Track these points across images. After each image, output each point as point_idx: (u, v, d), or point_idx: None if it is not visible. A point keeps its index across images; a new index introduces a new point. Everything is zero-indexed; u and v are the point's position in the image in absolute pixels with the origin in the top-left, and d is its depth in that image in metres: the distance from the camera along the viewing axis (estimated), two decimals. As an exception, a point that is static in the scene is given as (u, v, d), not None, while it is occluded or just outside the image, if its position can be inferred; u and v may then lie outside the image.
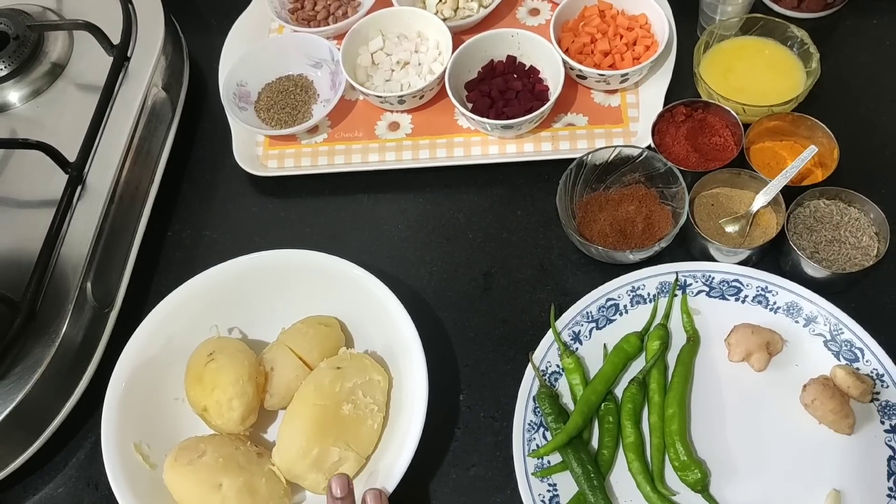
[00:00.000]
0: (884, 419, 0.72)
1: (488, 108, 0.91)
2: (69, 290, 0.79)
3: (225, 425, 0.74)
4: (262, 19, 1.04)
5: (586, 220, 0.84)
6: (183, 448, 0.73)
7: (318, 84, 0.99)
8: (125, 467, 0.73)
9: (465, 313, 0.83)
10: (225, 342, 0.78)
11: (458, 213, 0.90)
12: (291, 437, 0.72)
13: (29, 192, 0.86)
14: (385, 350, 0.79)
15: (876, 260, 0.77)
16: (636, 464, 0.72)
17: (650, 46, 0.93)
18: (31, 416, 0.77)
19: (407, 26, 0.98)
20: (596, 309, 0.80)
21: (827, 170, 0.83)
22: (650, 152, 0.84)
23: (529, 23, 1.01)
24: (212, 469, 0.71)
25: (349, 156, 0.94)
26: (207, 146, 0.99)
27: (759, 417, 0.74)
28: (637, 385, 0.75)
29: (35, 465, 0.80)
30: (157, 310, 0.80)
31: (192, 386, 0.76)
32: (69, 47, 0.96)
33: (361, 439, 0.74)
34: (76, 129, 0.87)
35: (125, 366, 0.78)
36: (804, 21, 0.96)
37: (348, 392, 0.74)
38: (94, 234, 0.82)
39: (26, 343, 0.77)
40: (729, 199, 0.84)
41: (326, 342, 0.79)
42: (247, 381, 0.74)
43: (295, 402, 0.75)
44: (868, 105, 0.91)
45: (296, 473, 0.73)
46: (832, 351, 0.75)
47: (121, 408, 0.76)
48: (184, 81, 0.99)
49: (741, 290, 0.79)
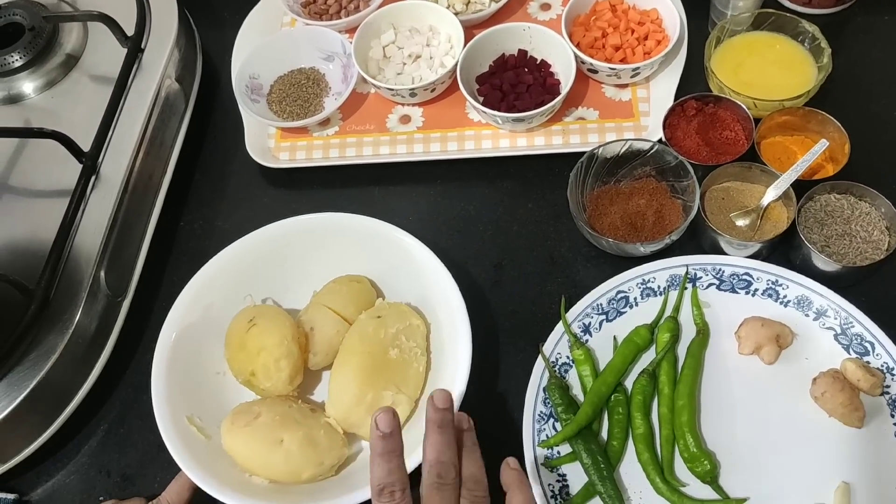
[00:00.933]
0: (894, 412, 0.72)
1: (499, 102, 0.91)
2: (83, 279, 0.80)
3: (274, 387, 0.75)
4: (275, 13, 1.05)
5: (597, 213, 0.85)
6: (238, 412, 0.74)
7: (330, 77, 0.99)
8: (183, 439, 0.74)
9: (476, 305, 0.83)
10: (263, 308, 0.80)
11: (469, 205, 0.91)
12: (344, 387, 0.74)
13: (44, 182, 0.87)
14: (418, 299, 0.81)
15: (887, 254, 0.77)
16: (646, 455, 0.73)
17: (661, 41, 0.93)
18: (45, 403, 0.78)
19: (419, 20, 0.99)
20: (606, 301, 0.80)
21: (838, 164, 0.83)
22: (661, 146, 0.84)
23: (541, 17, 1.01)
24: (270, 427, 0.71)
25: (360, 148, 0.94)
26: (220, 138, 0.99)
27: (768, 410, 0.74)
28: (647, 377, 0.75)
29: (48, 451, 0.80)
30: (194, 279, 0.81)
31: (236, 354, 0.77)
32: (84, 38, 0.97)
33: (410, 382, 0.76)
34: (90, 120, 0.87)
35: (166, 339, 0.78)
36: (816, 17, 0.96)
37: (392, 338, 0.76)
38: (107, 223, 0.83)
39: (40, 330, 0.77)
40: (740, 192, 0.84)
41: (361, 297, 0.80)
42: (291, 341, 0.75)
43: (342, 354, 0.76)
44: (879, 101, 0.91)
45: (352, 422, 0.74)
46: (842, 344, 0.76)
47: (168, 382, 0.76)
48: (197, 73, 1.00)
49: (751, 283, 0.79)
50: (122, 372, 0.85)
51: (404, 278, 0.82)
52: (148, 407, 0.75)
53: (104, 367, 0.82)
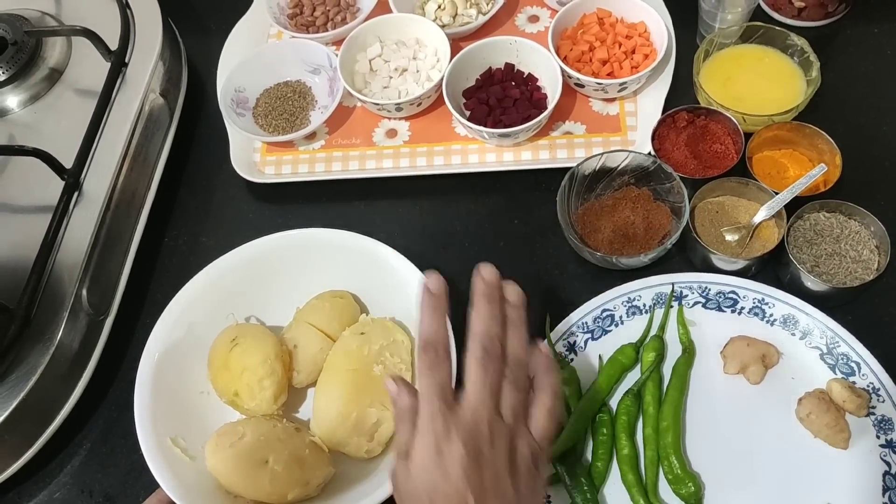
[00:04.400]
0: (879, 434, 0.72)
1: (486, 116, 0.90)
2: (65, 297, 0.79)
3: (258, 407, 0.75)
4: (261, 25, 1.04)
5: (587, 231, 0.84)
6: (221, 434, 0.73)
7: (317, 90, 0.99)
8: (166, 461, 0.73)
9: (462, 323, 0.82)
10: (245, 327, 0.79)
11: (455, 221, 0.90)
12: (328, 405, 0.73)
13: (25, 198, 0.86)
14: (403, 314, 0.80)
15: (877, 274, 0.77)
16: (630, 476, 0.72)
17: (649, 55, 0.92)
18: (27, 423, 0.77)
19: (405, 33, 0.98)
20: (591, 319, 0.79)
21: (829, 178, 0.82)
22: (634, 153, 0.83)
23: (529, 30, 1.01)
24: (255, 448, 0.71)
25: (346, 163, 0.94)
26: (205, 152, 0.98)
27: (753, 431, 0.74)
28: (632, 397, 0.75)
29: (30, 471, 0.80)
30: (176, 298, 0.80)
31: (219, 374, 0.76)
32: (67, 52, 0.96)
33: None
34: (74, 135, 0.87)
35: (149, 358, 0.78)
36: (805, 30, 0.95)
37: (376, 354, 0.75)
38: (90, 240, 0.82)
39: (22, 350, 0.77)
40: (734, 207, 0.84)
41: (344, 313, 0.80)
42: (275, 360, 0.75)
43: (326, 372, 0.76)
44: (868, 114, 0.91)
45: (337, 440, 0.73)
46: (828, 364, 0.75)
47: (151, 403, 0.76)
48: (182, 87, 0.99)
49: (737, 301, 0.79)
50: (105, 390, 0.84)
51: (389, 293, 0.81)
52: (131, 426, 0.75)
53: (87, 385, 0.81)
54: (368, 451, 0.74)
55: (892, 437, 0.71)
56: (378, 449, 0.75)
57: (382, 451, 0.75)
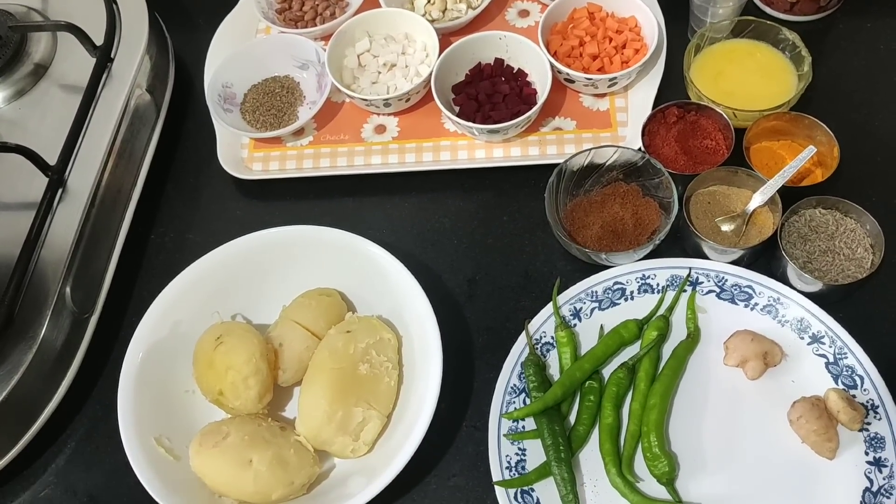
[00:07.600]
0: (868, 450, 0.70)
1: (475, 112, 0.90)
2: (48, 295, 0.78)
3: (243, 406, 0.74)
4: (250, 19, 1.03)
5: (576, 228, 0.83)
6: (206, 433, 0.72)
7: (305, 86, 0.98)
8: (150, 461, 0.72)
9: (449, 320, 0.82)
10: (230, 325, 0.79)
11: (444, 217, 0.89)
12: (314, 404, 0.73)
13: (9, 195, 0.85)
14: (390, 312, 0.80)
15: (870, 272, 0.76)
16: (607, 445, 0.72)
17: (639, 50, 0.91)
18: (9, 422, 0.76)
19: (394, 28, 0.97)
20: (602, 290, 0.79)
21: (827, 169, 0.82)
22: (623, 149, 0.83)
23: (519, 24, 1.00)
24: (239, 448, 0.70)
25: (335, 159, 0.93)
26: (192, 148, 0.98)
27: (741, 424, 0.73)
28: (626, 370, 0.75)
29: (13, 470, 0.79)
30: (161, 296, 0.80)
31: (204, 372, 0.76)
32: (53, 48, 0.95)
33: (381, 397, 0.75)
34: (59, 131, 0.86)
35: (133, 357, 0.77)
36: (796, 24, 0.94)
37: (362, 352, 0.75)
38: (74, 237, 0.81)
39: (4, 347, 0.76)
40: (726, 197, 0.83)
41: (331, 311, 0.79)
42: (259, 359, 0.74)
43: (311, 370, 0.75)
44: (861, 110, 0.90)
45: (322, 439, 0.73)
46: (832, 374, 0.74)
47: (135, 403, 0.75)
48: (169, 82, 0.98)
49: (752, 296, 0.78)
50: (90, 389, 0.83)
51: (376, 291, 0.81)
52: (117, 425, 0.74)
53: (71, 384, 0.80)
54: (354, 450, 0.73)
55: (881, 456, 0.70)
56: (363, 448, 0.74)
57: (368, 450, 0.74)
